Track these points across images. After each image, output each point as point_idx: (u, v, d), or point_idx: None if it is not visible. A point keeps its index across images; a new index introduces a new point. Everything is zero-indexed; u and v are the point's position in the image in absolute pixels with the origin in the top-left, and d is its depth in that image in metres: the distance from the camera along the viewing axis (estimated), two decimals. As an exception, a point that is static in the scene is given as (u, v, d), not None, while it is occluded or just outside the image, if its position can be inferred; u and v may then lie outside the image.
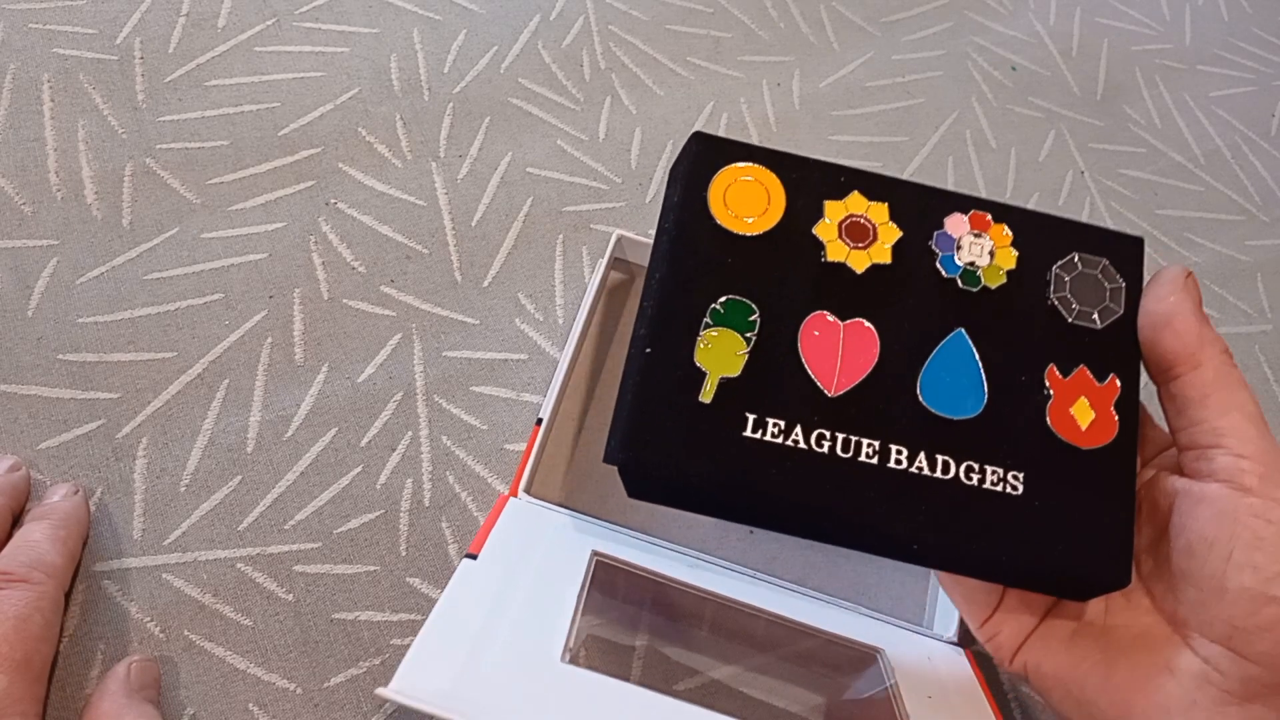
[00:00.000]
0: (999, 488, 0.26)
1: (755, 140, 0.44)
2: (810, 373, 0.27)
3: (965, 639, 0.32)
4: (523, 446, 0.35)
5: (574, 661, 0.24)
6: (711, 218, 0.28)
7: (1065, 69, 0.50)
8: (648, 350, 0.27)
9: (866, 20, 0.49)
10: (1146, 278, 0.28)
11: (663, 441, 0.26)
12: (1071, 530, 0.26)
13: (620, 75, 0.44)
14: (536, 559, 0.28)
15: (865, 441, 0.26)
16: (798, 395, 0.27)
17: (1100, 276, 0.29)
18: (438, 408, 0.35)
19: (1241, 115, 0.51)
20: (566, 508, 0.32)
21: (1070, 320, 0.28)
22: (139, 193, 0.36)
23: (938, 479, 0.26)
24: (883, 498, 0.26)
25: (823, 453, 0.26)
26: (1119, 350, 0.28)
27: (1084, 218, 0.45)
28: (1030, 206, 0.43)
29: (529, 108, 0.42)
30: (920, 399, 0.27)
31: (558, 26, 0.45)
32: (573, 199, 0.41)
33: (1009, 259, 0.29)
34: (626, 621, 0.32)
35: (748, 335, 0.27)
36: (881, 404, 0.27)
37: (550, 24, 0.45)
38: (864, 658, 0.30)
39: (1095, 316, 0.28)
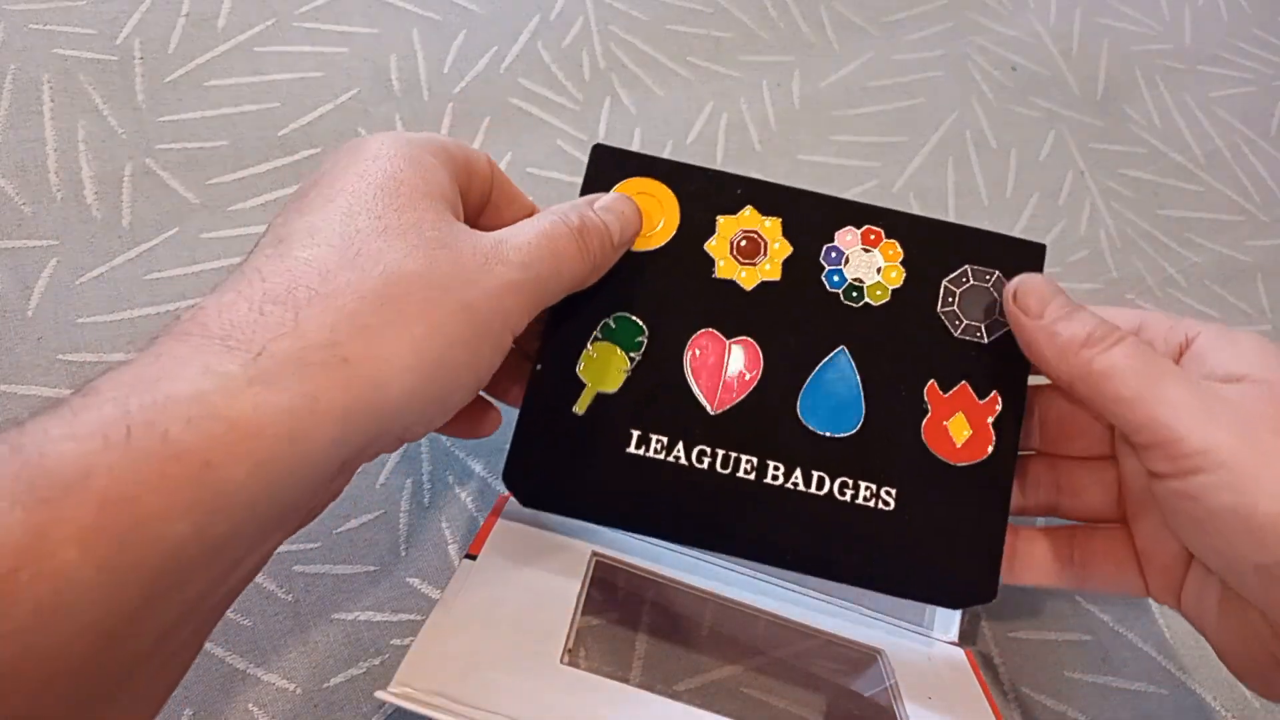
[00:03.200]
0: (871, 503, 0.27)
1: (755, 141, 0.44)
2: (694, 390, 0.28)
3: (965, 639, 0.32)
4: (523, 446, 0.35)
5: (574, 662, 0.24)
6: None
7: (1065, 69, 0.50)
8: (538, 367, 0.28)
9: (866, 20, 0.49)
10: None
11: (544, 454, 0.27)
12: (939, 544, 0.27)
13: (620, 75, 0.44)
14: (537, 559, 0.28)
15: (744, 458, 0.27)
16: (681, 412, 0.28)
17: (992, 289, 0.29)
18: (438, 408, 0.35)
19: (1241, 115, 0.51)
20: (566, 508, 0.32)
21: (956, 335, 0.28)
22: (139, 193, 0.36)
23: (812, 494, 0.27)
24: (758, 512, 0.27)
25: (703, 468, 0.27)
26: (1004, 365, 0.28)
27: (1084, 218, 0.45)
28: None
29: (529, 108, 0.42)
30: (799, 417, 0.28)
31: (558, 26, 0.45)
32: (573, 199, 0.40)
33: (895, 277, 0.29)
34: (626, 621, 0.32)
35: (632, 355, 0.28)
36: (761, 422, 0.28)
37: (550, 24, 0.45)
38: (864, 658, 0.30)
39: (982, 331, 0.28)
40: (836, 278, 0.29)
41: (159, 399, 0.17)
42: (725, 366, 0.28)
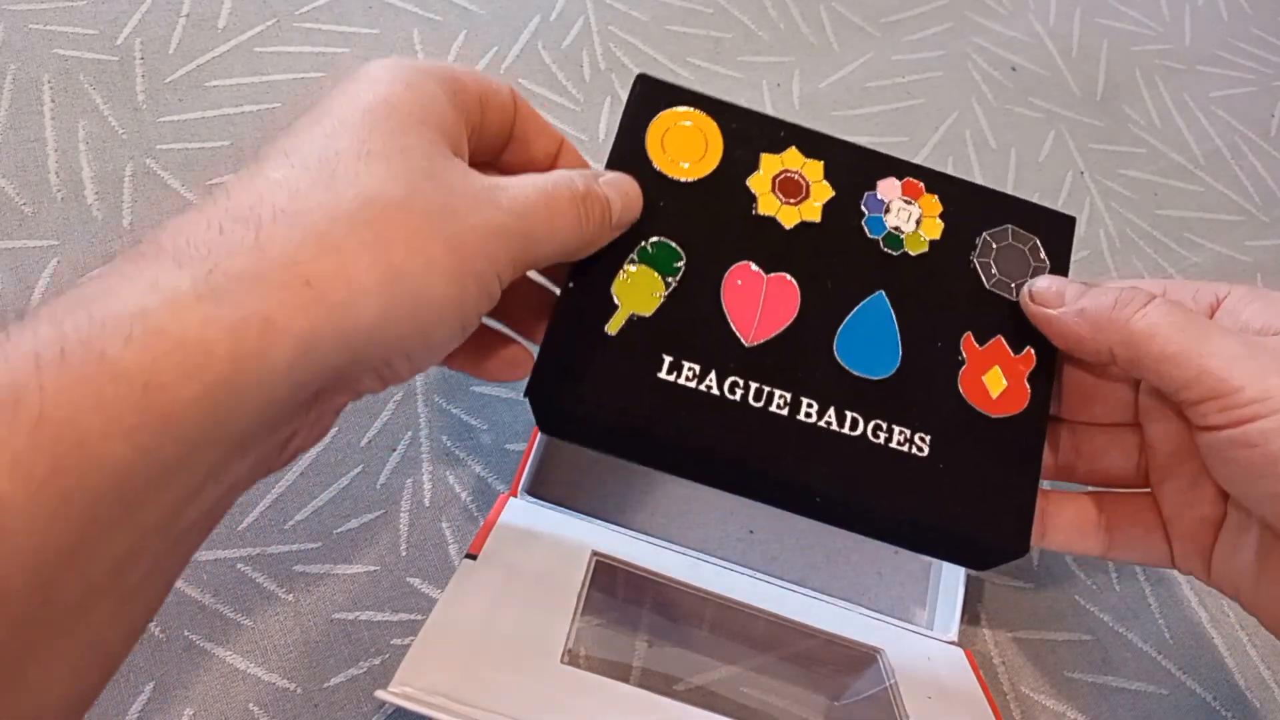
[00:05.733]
0: (905, 448, 0.27)
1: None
2: (730, 321, 0.27)
3: (965, 639, 0.32)
4: (523, 446, 0.35)
5: (574, 662, 0.24)
6: (648, 160, 0.28)
7: (1065, 69, 0.50)
8: (570, 285, 0.27)
9: (866, 20, 0.49)
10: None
11: (571, 371, 0.26)
12: (973, 494, 0.26)
13: (620, 75, 0.44)
14: (536, 559, 0.28)
15: (778, 393, 0.27)
16: (715, 342, 0.27)
17: (1028, 253, 0.29)
18: (438, 408, 0.35)
19: (1241, 115, 0.51)
20: (566, 508, 0.32)
21: (988, 286, 0.28)
22: (139, 193, 0.36)
23: (845, 435, 0.26)
24: (790, 449, 0.26)
25: (735, 400, 0.26)
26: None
27: (1084, 218, 0.45)
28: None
29: (529, 108, 0.42)
30: (836, 356, 0.27)
31: (558, 27, 0.45)
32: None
33: (934, 229, 0.29)
34: (626, 621, 0.32)
35: (669, 280, 0.27)
36: (797, 358, 0.27)
37: (550, 24, 0.45)
38: (864, 658, 0.30)
39: (1013, 289, 0.28)
40: (876, 225, 0.28)
41: (97, 316, 0.16)
42: (762, 300, 0.27)
